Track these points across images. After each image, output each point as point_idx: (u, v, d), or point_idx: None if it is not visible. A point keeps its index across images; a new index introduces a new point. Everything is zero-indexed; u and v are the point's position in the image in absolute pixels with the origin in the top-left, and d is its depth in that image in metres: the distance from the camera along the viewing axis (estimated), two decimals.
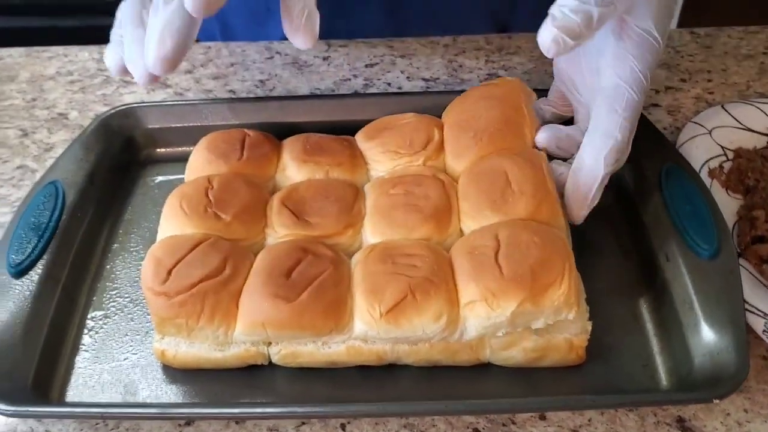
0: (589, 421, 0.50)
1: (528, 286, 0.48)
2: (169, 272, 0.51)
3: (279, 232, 0.56)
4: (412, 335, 0.49)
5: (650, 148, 0.63)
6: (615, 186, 0.64)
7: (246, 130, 0.64)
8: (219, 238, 0.54)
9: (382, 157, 0.62)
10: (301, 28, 0.52)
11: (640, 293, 0.57)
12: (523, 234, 0.50)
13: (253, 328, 0.50)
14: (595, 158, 0.54)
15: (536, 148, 0.60)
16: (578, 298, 0.49)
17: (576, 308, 0.48)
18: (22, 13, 1.67)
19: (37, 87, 0.83)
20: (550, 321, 0.48)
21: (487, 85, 0.65)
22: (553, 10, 0.50)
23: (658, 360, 0.52)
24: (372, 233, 0.55)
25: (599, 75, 0.56)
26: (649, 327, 0.54)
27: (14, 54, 0.88)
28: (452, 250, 0.53)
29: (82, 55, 0.88)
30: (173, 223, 0.56)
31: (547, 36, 0.50)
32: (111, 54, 0.54)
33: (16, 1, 1.66)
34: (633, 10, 0.53)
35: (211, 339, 0.51)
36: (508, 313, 0.48)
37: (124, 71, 0.53)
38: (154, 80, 0.51)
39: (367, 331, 0.49)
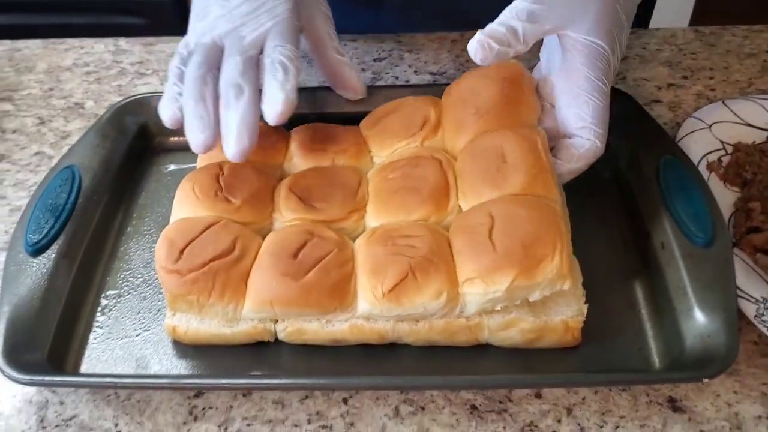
0: (583, 399, 0.52)
1: (520, 262, 0.49)
2: (182, 252, 0.53)
3: (286, 216, 0.58)
4: (414, 312, 0.51)
5: (649, 141, 0.65)
6: (613, 177, 0.66)
7: None
8: (229, 220, 0.56)
9: (382, 143, 0.64)
10: (359, 85, 0.64)
11: (636, 279, 0.58)
12: (515, 209, 0.52)
13: (261, 305, 0.52)
14: (567, 160, 0.58)
15: None
16: (572, 270, 0.50)
17: (570, 279, 0.50)
18: (41, 10, 1.70)
19: (54, 77, 0.85)
20: (546, 293, 0.50)
21: (488, 67, 0.66)
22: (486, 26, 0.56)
23: (652, 344, 0.54)
24: (374, 217, 0.57)
25: (565, 91, 0.59)
26: (644, 312, 0.56)
27: (32, 46, 0.90)
28: (450, 229, 0.55)
29: (98, 47, 0.90)
30: (186, 206, 0.58)
31: (473, 41, 0.55)
32: (167, 109, 0.58)
33: None
34: (571, 24, 0.56)
35: (221, 315, 0.53)
36: (504, 288, 0.49)
37: (179, 125, 0.57)
38: (210, 150, 0.56)
39: (370, 310, 0.51)
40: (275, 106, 0.54)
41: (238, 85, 0.55)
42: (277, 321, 0.54)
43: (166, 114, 0.58)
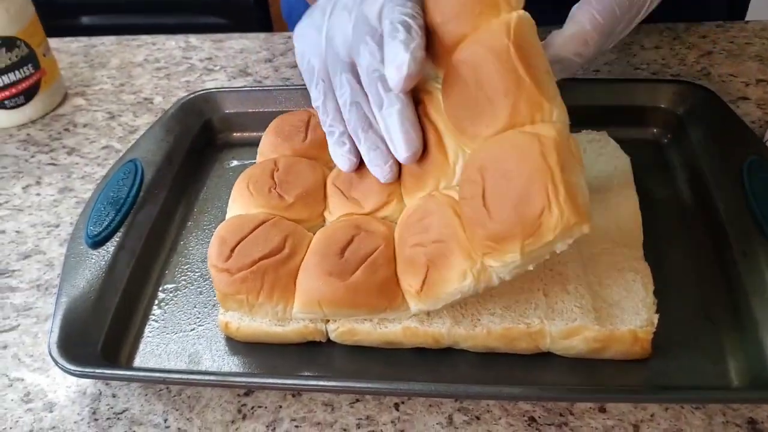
0: (652, 416, 0.48)
1: (519, 227, 0.43)
2: (232, 250, 0.52)
3: (334, 213, 0.56)
4: (456, 299, 0.47)
5: (733, 141, 0.60)
6: (693, 179, 0.62)
7: (311, 111, 0.64)
8: (281, 218, 0.55)
9: None
10: None
11: (714, 289, 0.54)
12: (501, 160, 0.45)
13: (309, 306, 0.50)
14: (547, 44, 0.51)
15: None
16: (581, 211, 0.43)
17: (585, 222, 0.43)
18: (118, 11, 1.76)
19: (125, 73, 0.87)
20: (569, 242, 0.43)
21: None
22: None
23: (730, 359, 0.50)
24: (405, 198, 0.54)
25: None
26: (722, 325, 0.51)
27: (106, 42, 0.92)
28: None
29: (169, 43, 0.91)
30: (240, 203, 0.57)
31: None
32: (339, 157, 0.55)
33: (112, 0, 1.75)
34: None
35: (270, 315, 0.52)
36: (518, 257, 0.44)
37: (356, 167, 0.54)
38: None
39: (419, 308, 0.49)
40: (400, 69, 0.47)
41: (383, 77, 0.49)
42: (328, 321, 0.52)
43: (343, 164, 0.54)
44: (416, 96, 0.52)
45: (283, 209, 0.56)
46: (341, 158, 0.55)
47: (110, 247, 0.58)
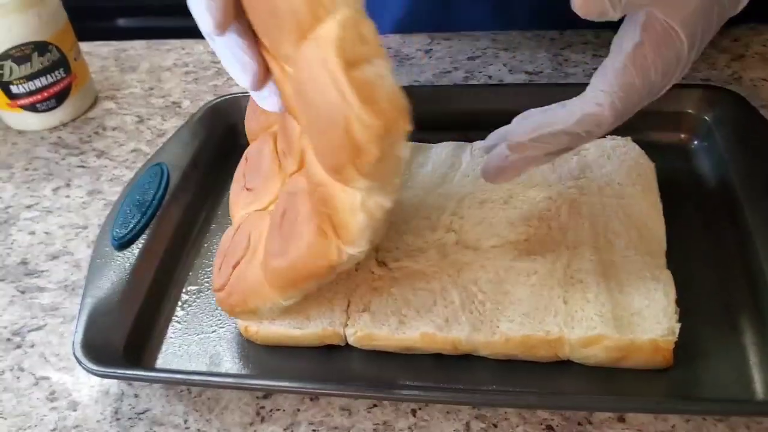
0: (673, 427, 0.47)
1: (341, 155, 0.38)
2: (219, 269, 0.53)
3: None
4: (372, 231, 0.42)
5: (763, 146, 0.59)
6: (722, 186, 0.61)
7: None
8: (252, 213, 0.54)
9: None
10: None
11: (740, 299, 0.52)
12: (302, 84, 0.39)
13: (283, 293, 0.49)
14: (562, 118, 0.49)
15: None
16: (385, 108, 0.36)
17: (399, 120, 0.37)
18: (148, 13, 1.79)
19: (155, 77, 0.88)
20: (404, 142, 0.38)
21: None
22: None
23: (755, 371, 0.48)
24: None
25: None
26: (748, 336, 0.50)
27: (137, 46, 0.94)
28: None
29: (197, 48, 0.92)
30: (233, 220, 0.58)
31: None
32: (256, 98, 0.52)
33: (143, 3, 1.78)
34: (665, 5, 0.49)
35: (276, 313, 0.51)
36: (365, 181, 0.39)
37: (276, 104, 0.51)
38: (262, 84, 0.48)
39: (357, 251, 0.43)
40: (205, 18, 0.42)
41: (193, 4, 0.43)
42: (347, 325, 0.52)
43: (267, 106, 0.50)
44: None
45: (254, 203, 0.55)
46: (262, 101, 0.51)
47: (135, 249, 0.59)
